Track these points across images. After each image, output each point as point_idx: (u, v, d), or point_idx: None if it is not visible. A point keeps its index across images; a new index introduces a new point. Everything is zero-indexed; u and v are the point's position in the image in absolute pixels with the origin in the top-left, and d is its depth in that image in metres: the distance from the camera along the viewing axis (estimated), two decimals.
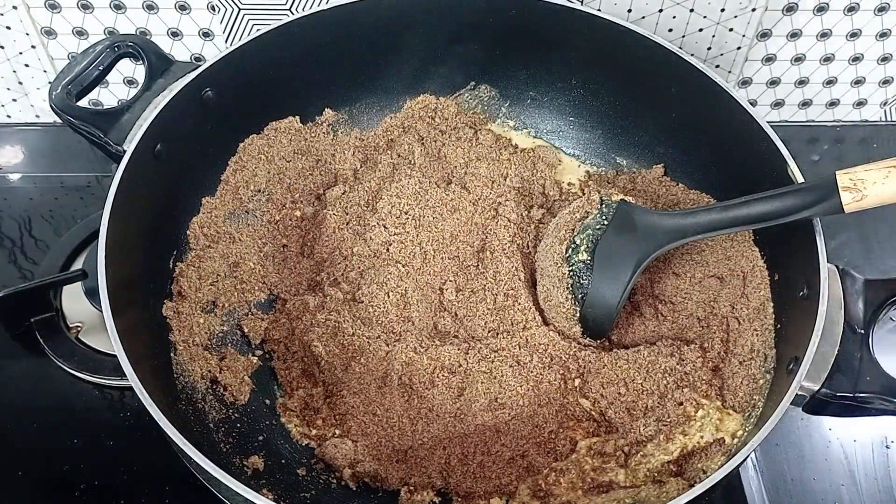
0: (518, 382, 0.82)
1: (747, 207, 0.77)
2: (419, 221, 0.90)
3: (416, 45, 0.96)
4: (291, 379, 0.85)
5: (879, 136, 1.18)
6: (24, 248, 1.02)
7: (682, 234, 0.81)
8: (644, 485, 0.76)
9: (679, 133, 0.93)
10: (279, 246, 0.91)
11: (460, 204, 0.91)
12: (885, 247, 1.06)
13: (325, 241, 0.91)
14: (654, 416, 0.80)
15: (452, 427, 0.80)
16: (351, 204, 0.92)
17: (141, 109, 0.81)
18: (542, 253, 0.87)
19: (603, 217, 0.83)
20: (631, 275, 0.81)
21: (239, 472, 0.75)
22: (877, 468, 0.88)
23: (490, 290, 0.87)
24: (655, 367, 0.81)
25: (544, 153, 1.00)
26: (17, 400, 0.91)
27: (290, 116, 0.94)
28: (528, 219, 0.92)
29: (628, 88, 0.95)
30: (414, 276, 0.87)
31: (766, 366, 0.79)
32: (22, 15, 1.00)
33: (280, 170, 0.93)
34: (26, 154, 1.12)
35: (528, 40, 0.95)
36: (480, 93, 1.01)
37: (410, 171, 0.93)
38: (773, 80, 1.11)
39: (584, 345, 0.85)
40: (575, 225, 0.84)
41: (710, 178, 0.92)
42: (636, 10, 1.01)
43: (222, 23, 1.02)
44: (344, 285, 0.88)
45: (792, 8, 1.02)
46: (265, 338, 0.87)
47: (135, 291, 0.78)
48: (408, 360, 0.83)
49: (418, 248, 0.89)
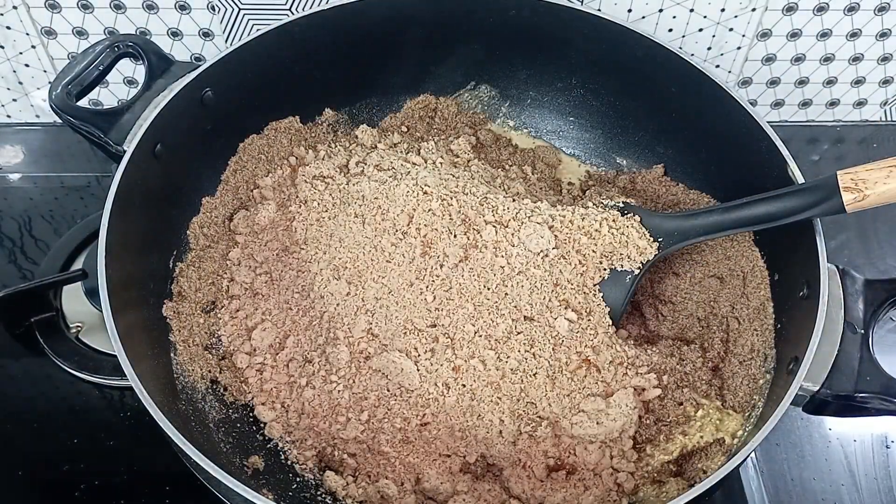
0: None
1: (749, 209, 0.77)
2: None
3: (416, 45, 0.96)
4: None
5: (879, 136, 1.18)
6: (25, 248, 1.02)
7: (684, 236, 0.81)
8: (643, 485, 0.76)
9: (679, 133, 0.93)
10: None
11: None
12: (885, 247, 1.07)
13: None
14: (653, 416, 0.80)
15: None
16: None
17: (141, 109, 0.81)
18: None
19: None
20: (634, 278, 0.81)
21: (239, 472, 0.75)
22: (877, 468, 0.88)
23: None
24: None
25: (544, 153, 1.00)
26: (17, 400, 0.91)
27: (290, 116, 0.94)
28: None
29: (628, 88, 0.95)
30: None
31: (766, 366, 0.79)
32: (22, 15, 1.00)
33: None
34: (26, 154, 1.12)
35: (528, 40, 0.95)
36: (480, 93, 1.02)
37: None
38: (773, 79, 1.12)
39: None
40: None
41: (710, 178, 0.92)
42: (636, 10, 1.01)
43: (222, 23, 1.02)
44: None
45: (792, 8, 1.02)
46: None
47: (135, 291, 0.78)
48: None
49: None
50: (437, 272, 0.81)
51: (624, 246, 0.82)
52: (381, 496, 0.75)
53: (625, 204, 0.86)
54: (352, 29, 0.92)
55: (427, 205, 0.83)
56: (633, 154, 0.99)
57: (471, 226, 0.82)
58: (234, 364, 0.83)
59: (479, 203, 0.83)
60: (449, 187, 0.86)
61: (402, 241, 0.83)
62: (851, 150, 1.17)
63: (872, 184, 0.71)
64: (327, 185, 0.90)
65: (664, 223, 0.83)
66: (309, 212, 0.88)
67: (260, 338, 0.83)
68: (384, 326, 0.81)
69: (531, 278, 0.80)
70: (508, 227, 0.82)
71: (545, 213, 0.83)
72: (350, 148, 0.96)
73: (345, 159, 0.93)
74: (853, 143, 1.17)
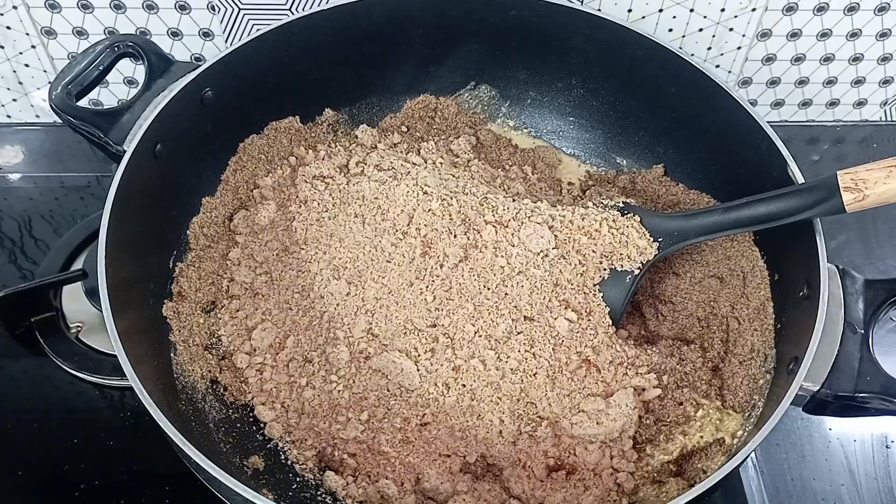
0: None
1: (749, 209, 0.77)
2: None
3: (416, 44, 0.96)
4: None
5: (879, 135, 1.18)
6: (25, 248, 1.02)
7: (685, 236, 0.81)
8: (643, 485, 0.76)
9: (679, 133, 0.93)
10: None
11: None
12: (885, 247, 1.06)
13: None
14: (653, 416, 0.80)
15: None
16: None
17: (141, 109, 0.81)
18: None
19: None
20: (634, 278, 0.81)
21: (239, 472, 0.75)
22: (877, 468, 0.88)
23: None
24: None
25: (544, 153, 1.00)
26: (17, 400, 0.91)
27: (290, 116, 0.94)
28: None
29: (628, 88, 0.95)
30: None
31: (766, 366, 0.79)
32: (22, 15, 1.00)
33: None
34: (26, 154, 1.12)
35: (529, 40, 0.95)
36: (480, 93, 1.01)
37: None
38: (773, 79, 1.11)
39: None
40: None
41: (710, 178, 0.92)
42: (636, 9, 1.01)
43: (222, 23, 1.02)
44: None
45: (792, 8, 1.02)
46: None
47: (135, 291, 0.78)
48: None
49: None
50: (437, 272, 0.81)
51: (624, 246, 0.82)
52: (381, 496, 0.75)
53: (625, 204, 0.86)
54: (352, 29, 0.92)
55: (427, 205, 0.83)
56: (633, 154, 0.99)
57: (471, 226, 0.82)
58: (234, 364, 0.83)
59: (479, 203, 0.83)
60: (449, 187, 0.86)
61: (402, 241, 0.83)
62: (851, 150, 1.17)
63: (872, 184, 0.71)
64: (327, 185, 0.90)
65: (664, 223, 0.83)
66: (309, 212, 0.88)
67: (260, 338, 0.83)
68: (384, 326, 0.81)
69: (531, 278, 0.80)
70: (508, 227, 0.82)
71: (545, 213, 0.83)
72: (350, 148, 0.96)
73: (345, 159, 0.93)
74: (853, 143, 1.17)
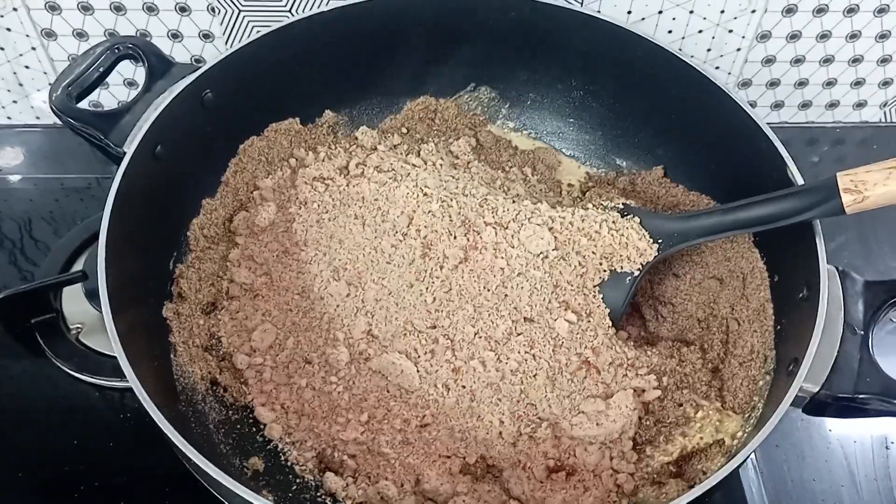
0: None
1: (749, 210, 0.77)
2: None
3: (416, 46, 0.96)
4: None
5: (879, 137, 1.18)
6: (25, 250, 1.02)
7: (684, 237, 0.81)
8: (643, 486, 0.76)
9: (679, 134, 0.94)
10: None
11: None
12: (885, 247, 1.06)
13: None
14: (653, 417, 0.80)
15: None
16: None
17: (141, 111, 0.81)
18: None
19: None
20: (634, 279, 0.81)
21: (239, 474, 0.75)
22: (877, 468, 0.88)
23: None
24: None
25: (544, 155, 1.00)
26: (18, 400, 0.91)
27: (290, 118, 0.94)
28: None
29: (628, 90, 0.95)
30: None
31: (765, 367, 0.79)
32: (22, 17, 1.00)
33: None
34: (27, 155, 1.12)
35: (529, 42, 0.95)
36: (480, 94, 1.02)
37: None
38: (773, 81, 1.12)
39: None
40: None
41: (710, 180, 0.92)
42: (636, 11, 1.01)
43: (222, 24, 1.02)
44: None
45: (791, 9, 1.02)
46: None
47: (135, 293, 0.78)
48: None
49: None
50: (437, 273, 0.81)
51: (624, 247, 0.82)
52: (381, 497, 0.75)
53: (625, 205, 0.86)
54: (352, 30, 0.92)
55: (427, 206, 0.83)
56: (633, 155, 0.99)
57: (471, 227, 0.82)
58: (234, 365, 0.83)
59: (478, 205, 0.83)
60: (449, 189, 0.86)
61: (401, 243, 0.83)
62: (851, 151, 1.17)
63: (872, 185, 0.71)
64: (327, 187, 0.90)
65: (664, 224, 0.83)
66: (309, 213, 0.88)
67: (260, 339, 0.83)
68: (384, 328, 0.81)
69: (531, 280, 0.81)
70: (508, 228, 0.82)
71: (545, 215, 0.83)
72: (350, 149, 0.96)
73: (345, 161, 0.93)
74: (853, 144, 1.17)
